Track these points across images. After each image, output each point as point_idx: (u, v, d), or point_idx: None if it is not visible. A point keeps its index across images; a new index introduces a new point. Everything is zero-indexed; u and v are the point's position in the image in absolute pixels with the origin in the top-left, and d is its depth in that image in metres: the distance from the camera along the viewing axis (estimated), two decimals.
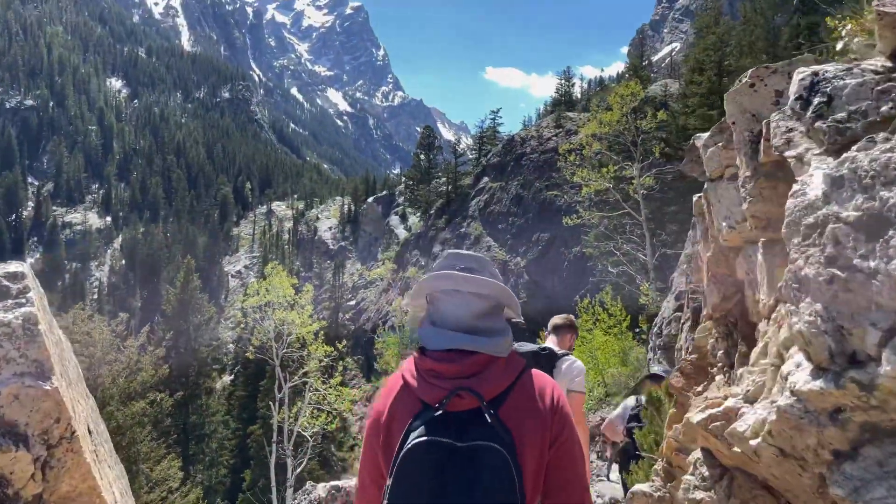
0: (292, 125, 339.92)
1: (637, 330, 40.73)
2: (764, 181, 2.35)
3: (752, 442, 1.83)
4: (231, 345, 57.81)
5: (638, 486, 3.40)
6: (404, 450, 1.73)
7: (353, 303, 70.54)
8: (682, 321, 22.66)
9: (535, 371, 1.96)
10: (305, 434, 25.23)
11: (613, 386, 37.73)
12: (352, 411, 44.52)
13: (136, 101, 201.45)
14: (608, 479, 22.58)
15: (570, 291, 54.12)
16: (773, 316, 2.24)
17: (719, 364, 3.12)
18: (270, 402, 25.66)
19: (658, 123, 29.83)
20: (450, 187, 64.18)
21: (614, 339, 39.49)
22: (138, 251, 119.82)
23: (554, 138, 53.34)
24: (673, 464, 3.16)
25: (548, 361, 4.04)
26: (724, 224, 2.78)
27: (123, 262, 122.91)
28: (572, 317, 4.99)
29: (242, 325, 27.72)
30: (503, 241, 55.56)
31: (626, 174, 31.06)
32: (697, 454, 2.43)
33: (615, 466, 22.82)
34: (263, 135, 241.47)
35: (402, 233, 76.18)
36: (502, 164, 58.44)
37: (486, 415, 1.75)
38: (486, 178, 59.77)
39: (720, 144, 2.80)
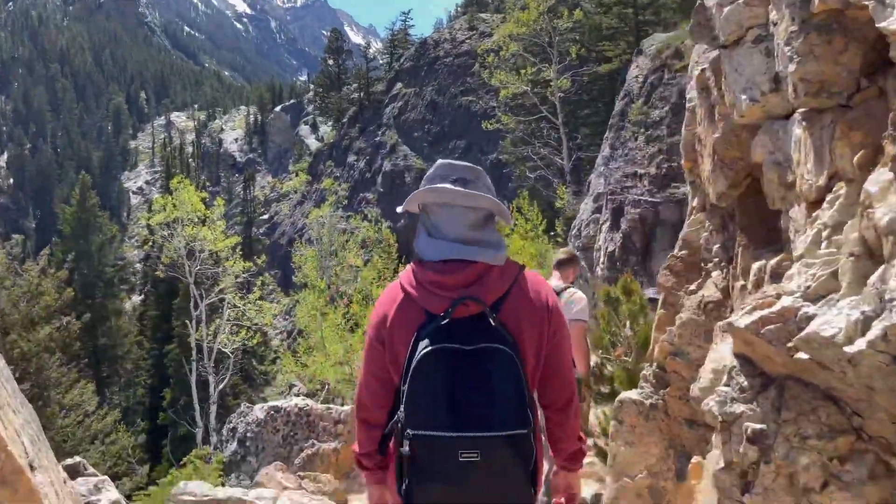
0: (187, 28, 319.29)
1: (552, 234, 41.47)
2: (816, 36, 1.94)
3: (849, 348, 1.47)
4: (138, 264, 55.52)
5: (626, 394, 3.13)
6: (415, 360, 1.86)
7: (266, 217, 68.65)
8: (600, 222, 22.87)
9: (528, 273, 2.08)
10: (226, 351, 24.63)
11: None
12: (272, 325, 43.97)
13: (9, 3, 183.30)
14: None
15: None
16: (829, 198, 1.87)
17: (715, 259, 2.82)
18: (187, 321, 24.78)
19: (573, 23, 29.27)
20: (362, 94, 62.13)
21: (531, 244, 40.09)
22: (27, 169, 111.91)
23: (468, 41, 52.03)
24: (667, 369, 2.89)
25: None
26: (743, 97, 2.37)
27: (11, 181, 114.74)
28: (573, 250, 5.32)
29: (150, 244, 26.31)
30: (419, 149, 54.71)
31: (543, 77, 30.60)
32: (726, 361, 2.10)
33: None
34: (156, 40, 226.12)
35: (313, 143, 73.87)
36: (415, 68, 56.80)
37: (489, 319, 1.88)
38: (399, 84, 58.10)
39: (742, 0, 2.35)
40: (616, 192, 21.24)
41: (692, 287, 2.95)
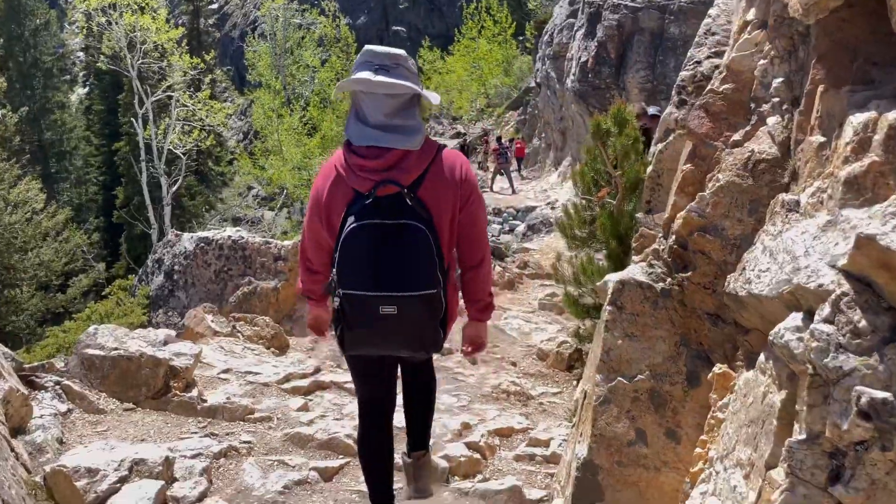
0: None
1: (521, 38, 39.52)
2: None
3: None
4: (80, 53, 51.82)
5: (629, 274, 2.59)
6: (344, 232, 2.23)
7: (215, 6, 63.71)
8: (574, 28, 21.60)
9: (446, 151, 2.40)
10: (178, 152, 23.66)
11: (496, 97, 37.44)
12: (226, 125, 42.45)
13: None
14: (491, 189, 23.17)
15: None
16: None
17: (774, 99, 2.25)
18: (133, 119, 23.46)
19: None
20: None
21: (498, 48, 38.25)
22: None
23: None
24: (691, 247, 2.38)
25: None
26: None
27: None
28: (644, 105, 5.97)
29: (87, 32, 24.11)
30: None
31: None
32: (801, 260, 1.61)
33: (498, 178, 23.27)
34: None
35: None
36: None
37: (406, 199, 2.23)
38: None
39: None
40: None
41: (736, 137, 2.37)
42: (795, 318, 1.56)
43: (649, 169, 4.24)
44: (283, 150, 39.77)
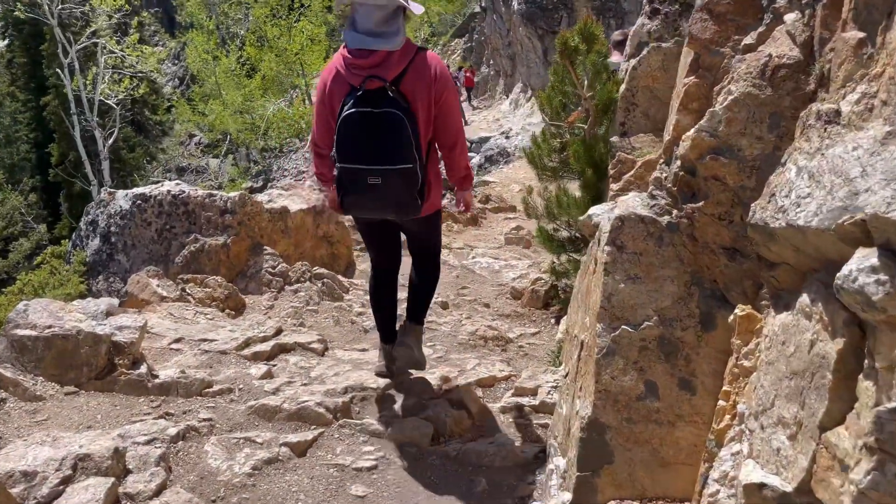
0: None
1: None
2: None
3: None
4: None
5: (629, 208, 2.24)
6: (342, 116, 2.82)
7: None
8: None
9: (427, 53, 2.98)
10: (110, 102, 22.40)
11: (440, 25, 36.31)
12: (160, 71, 40.55)
13: None
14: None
15: None
16: None
17: None
18: (59, 70, 22.02)
19: None
20: None
21: None
22: None
23: None
24: (701, 174, 2.05)
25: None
26: None
27: None
28: (627, 31, 6.65)
29: None
30: None
31: None
32: (857, 183, 1.32)
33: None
34: None
35: None
36: None
37: (388, 91, 2.81)
38: None
39: None
40: None
41: (748, 40, 2.02)
42: (870, 257, 1.26)
43: (622, 88, 3.91)
44: (223, 93, 38.27)
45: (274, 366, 3.64)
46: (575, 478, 2.29)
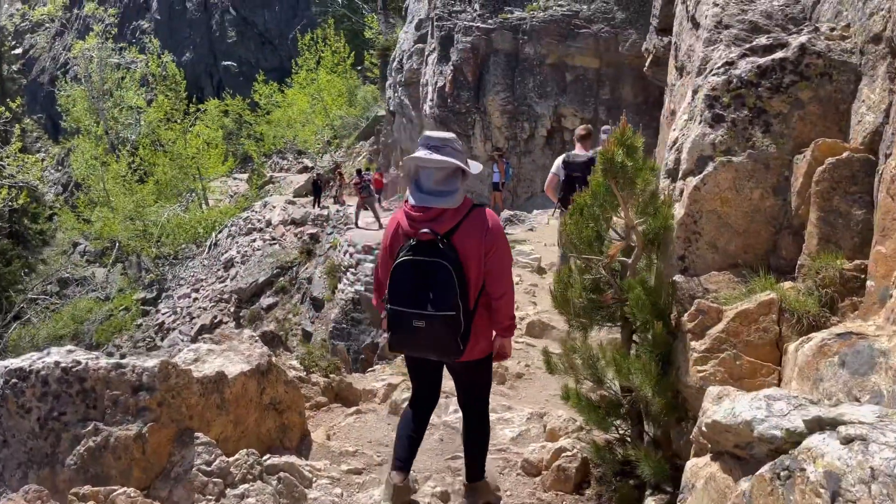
0: None
1: (360, 67, 38.45)
2: None
3: None
4: None
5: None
6: (396, 263, 3.07)
7: (19, 51, 57.42)
8: (426, 54, 20.48)
9: (478, 209, 3.15)
10: None
11: (342, 128, 35.98)
12: (42, 179, 38.02)
13: None
14: (356, 225, 21.69)
15: (285, 27, 48.98)
16: None
17: None
18: None
19: None
20: None
21: (339, 79, 36.92)
22: None
23: None
24: None
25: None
26: None
27: None
28: (590, 127, 7.98)
29: None
30: None
31: None
32: None
33: (363, 213, 21.89)
34: None
35: None
36: None
37: (439, 244, 3.01)
38: None
39: None
40: (444, 17, 19.01)
41: None
42: None
43: (678, 212, 3.07)
44: (112, 199, 36.06)
45: None
46: None
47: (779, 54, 2.93)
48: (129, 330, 27.97)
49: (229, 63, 48.96)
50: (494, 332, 3.25)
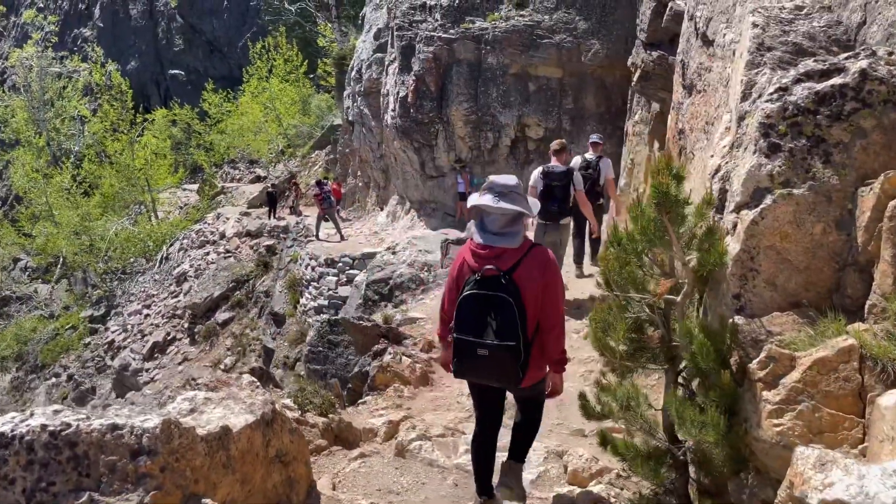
0: None
1: (313, 76, 37.86)
2: None
3: None
4: None
5: None
6: (462, 295, 3.36)
7: None
8: (386, 63, 20.24)
9: (536, 249, 3.43)
10: None
11: (297, 137, 35.35)
12: None
13: None
14: (317, 237, 21.21)
15: (234, 35, 47.95)
16: None
17: None
18: None
19: None
20: None
21: (292, 87, 36.27)
22: None
23: None
24: None
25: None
26: None
27: None
28: (564, 141, 8.54)
29: None
30: None
31: None
32: None
33: (324, 224, 21.40)
34: None
35: None
36: None
37: (502, 279, 3.27)
38: None
39: None
40: (404, 27, 18.73)
41: None
42: None
43: (733, 248, 2.87)
44: (55, 213, 34.69)
45: None
46: None
47: (837, 80, 2.76)
48: (77, 349, 26.86)
49: (177, 71, 47.72)
50: (548, 368, 3.51)
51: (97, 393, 24.34)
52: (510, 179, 3.47)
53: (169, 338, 25.24)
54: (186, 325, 24.99)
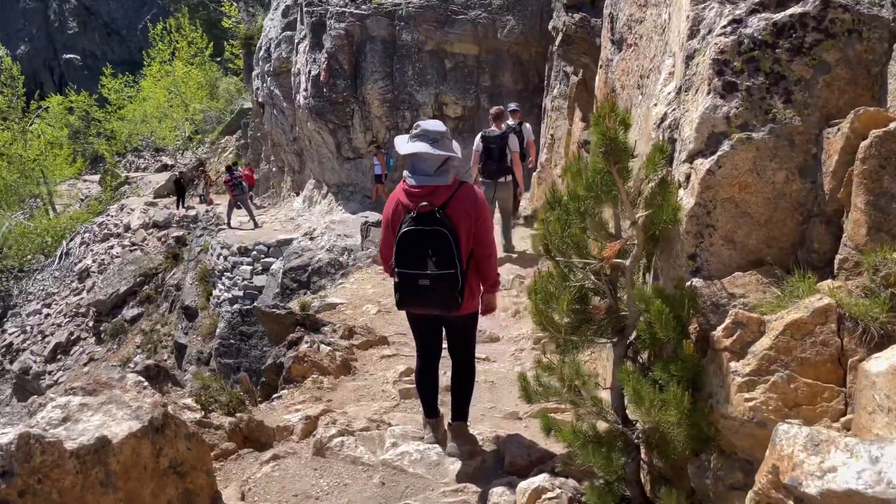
0: None
1: (220, 59, 36.27)
2: None
3: None
4: None
5: None
6: (399, 233, 3.60)
7: None
8: (296, 41, 19.41)
9: (466, 185, 3.74)
10: None
11: (204, 122, 33.80)
12: None
13: None
14: (229, 226, 20.23)
15: (133, 16, 45.43)
16: None
17: None
18: None
19: None
20: None
21: (198, 71, 34.63)
22: None
23: None
24: None
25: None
26: None
27: None
28: (501, 107, 9.48)
29: None
30: None
31: None
32: None
33: (235, 212, 20.44)
34: None
35: None
36: None
37: (437, 213, 3.56)
38: None
39: None
40: (313, 2, 17.93)
41: None
42: None
43: (687, 202, 2.54)
44: None
45: None
46: None
47: (797, 8, 2.45)
48: None
49: (72, 56, 44.90)
50: (482, 289, 3.86)
51: None
52: (439, 125, 3.72)
53: (73, 338, 23.73)
54: (91, 324, 23.53)
